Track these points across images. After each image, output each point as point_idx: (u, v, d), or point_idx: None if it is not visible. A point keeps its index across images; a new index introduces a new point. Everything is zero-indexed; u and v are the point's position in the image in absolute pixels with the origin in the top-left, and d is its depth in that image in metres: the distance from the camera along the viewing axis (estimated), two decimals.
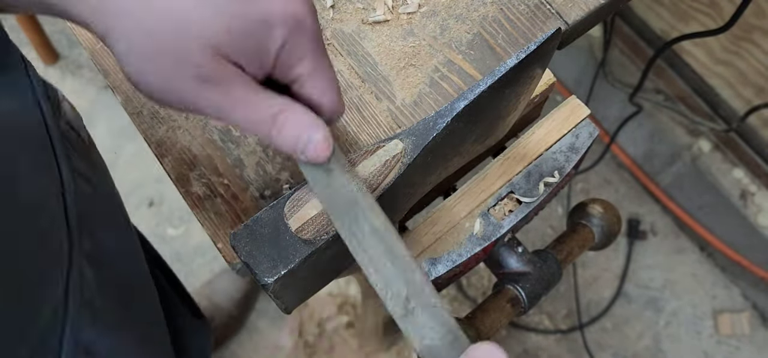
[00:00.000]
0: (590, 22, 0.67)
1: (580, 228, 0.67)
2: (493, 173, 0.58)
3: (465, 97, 0.45)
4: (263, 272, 0.42)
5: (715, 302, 1.64)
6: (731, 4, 1.25)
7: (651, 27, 1.51)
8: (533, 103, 0.61)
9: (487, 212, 0.57)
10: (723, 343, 1.61)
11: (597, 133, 0.59)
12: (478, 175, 0.58)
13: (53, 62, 1.85)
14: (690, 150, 1.60)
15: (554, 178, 0.57)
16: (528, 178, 0.57)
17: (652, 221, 1.71)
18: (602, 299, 1.65)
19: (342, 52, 0.63)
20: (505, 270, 0.61)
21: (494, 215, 0.57)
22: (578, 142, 0.59)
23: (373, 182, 0.45)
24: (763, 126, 1.43)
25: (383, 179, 0.45)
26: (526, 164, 0.58)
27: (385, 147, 0.46)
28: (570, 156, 0.58)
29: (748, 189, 1.54)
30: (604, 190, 1.74)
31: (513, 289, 0.61)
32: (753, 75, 1.35)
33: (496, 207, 0.57)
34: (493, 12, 0.65)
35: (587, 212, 0.68)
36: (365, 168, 0.46)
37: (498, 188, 0.57)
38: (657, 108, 1.61)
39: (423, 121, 0.46)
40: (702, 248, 1.68)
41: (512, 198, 0.57)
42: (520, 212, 0.56)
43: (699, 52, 1.44)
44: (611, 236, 0.68)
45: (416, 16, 0.65)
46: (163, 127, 0.60)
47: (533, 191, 0.57)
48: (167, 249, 1.68)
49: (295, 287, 0.47)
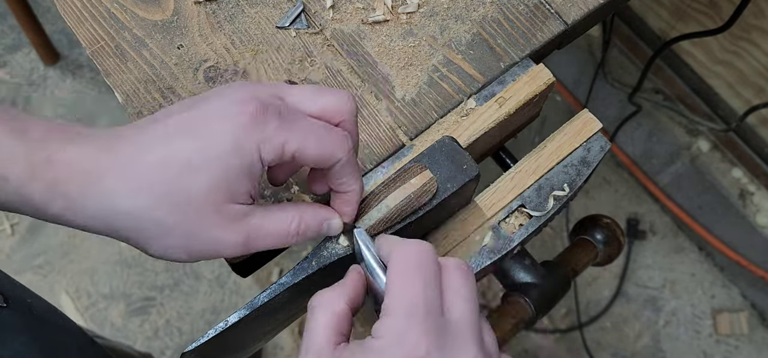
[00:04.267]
0: (590, 21, 0.67)
1: (585, 243, 0.67)
2: (505, 186, 0.58)
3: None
4: None
5: (714, 301, 1.65)
6: (730, 4, 1.25)
7: (650, 27, 1.51)
8: (533, 102, 0.62)
9: (498, 225, 0.57)
10: (722, 342, 1.61)
11: (609, 147, 0.59)
12: (490, 188, 0.58)
13: (53, 62, 1.85)
14: (689, 150, 1.60)
15: (564, 191, 0.57)
16: (539, 191, 0.57)
17: (651, 220, 1.71)
18: (601, 299, 1.65)
19: (342, 52, 0.63)
20: (514, 281, 0.61)
21: (505, 228, 0.57)
22: (590, 156, 0.59)
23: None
24: (762, 126, 1.43)
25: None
26: (538, 178, 0.58)
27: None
28: (581, 170, 0.58)
29: (747, 189, 1.54)
30: (604, 189, 1.74)
31: (522, 300, 0.61)
32: (752, 75, 1.35)
33: (507, 220, 0.57)
34: (493, 12, 0.65)
35: (592, 228, 0.68)
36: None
37: (509, 201, 0.57)
38: (656, 108, 1.61)
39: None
40: (701, 248, 1.69)
41: (523, 211, 0.57)
42: (530, 226, 0.56)
43: (698, 52, 1.45)
44: (613, 256, 0.69)
45: (416, 16, 0.65)
46: None
47: (544, 204, 0.57)
48: None
49: None
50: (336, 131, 0.44)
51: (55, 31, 1.86)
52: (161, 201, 0.40)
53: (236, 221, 0.42)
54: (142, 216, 0.40)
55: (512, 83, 0.61)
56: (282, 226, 0.44)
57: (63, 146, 0.40)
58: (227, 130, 0.40)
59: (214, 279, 1.66)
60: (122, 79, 0.62)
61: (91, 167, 0.40)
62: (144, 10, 0.65)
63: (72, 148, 0.40)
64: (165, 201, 0.40)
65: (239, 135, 0.40)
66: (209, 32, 0.64)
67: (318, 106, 0.44)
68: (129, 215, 0.40)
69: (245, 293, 1.64)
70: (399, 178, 0.52)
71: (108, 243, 1.68)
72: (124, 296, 1.64)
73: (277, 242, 0.44)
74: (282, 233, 0.44)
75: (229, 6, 0.65)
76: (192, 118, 0.41)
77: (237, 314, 0.46)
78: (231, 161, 0.40)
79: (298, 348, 1.59)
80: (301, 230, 0.44)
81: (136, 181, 0.40)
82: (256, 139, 0.40)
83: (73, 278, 1.66)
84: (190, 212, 0.40)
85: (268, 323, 0.53)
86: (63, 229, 1.69)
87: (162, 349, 1.60)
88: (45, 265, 1.67)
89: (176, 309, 1.63)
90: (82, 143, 0.41)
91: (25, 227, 1.70)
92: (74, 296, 1.64)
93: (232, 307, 1.62)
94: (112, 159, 0.40)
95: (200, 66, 0.62)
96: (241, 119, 0.40)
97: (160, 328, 1.62)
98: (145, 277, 1.66)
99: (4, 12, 1.84)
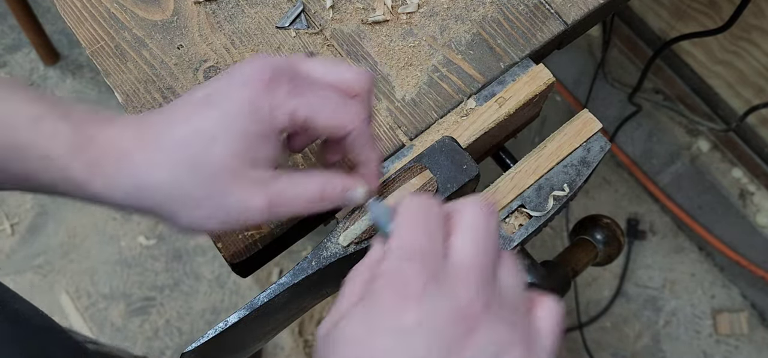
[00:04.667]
0: (590, 21, 0.67)
1: (585, 243, 0.67)
2: (505, 187, 0.58)
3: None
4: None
5: (714, 301, 1.65)
6: (730, 4, 1.25)
7: (650, 27, 1.51)
8: (533, 103, 0.62)
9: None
10: (722, 342, 1.61)
11: (609, 147, 0.59)
12: (490, 188, 0.58)
13: (53, 62, 1.85)
14: (689, 150, 1.60)
15: (564, 191, 0.57)
16: (539, 191, 0.57)
17: (651, 220, 1.71)
18: (601, 299, 1.65)
19: (342, 52, 0.63)
20: None
21: (505, 228, 0.57)
22: (590, 156, 0.59)
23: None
24: (762, 126, 1.43)
25: None
26: (538, 178, 0.58)
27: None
28: (581, 170, 0.58)
29: (747, 189, 1.54)
30: (604, 189, 1.74)
31: None
32: (752, 75, 1.35)
33: (507, 220, 0.57)
34: (493, 12, 0.65)
35: (592, 228, 0.68)
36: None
37: (509, 201, 0.57)
38: (656, 108, 1.61)
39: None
40: (701, 248, 1.69)
41: (522, 212, 0.57)
42: (530, 226, 0.56)
43: (698, 52, 1.45)
44: (613, 256, 0.69)
45: (416, 16, 0.65)
46: None
47: (543, 204, 0.57)
48: (167, 248, 1.68)
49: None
50: (350, 102, 0.45)
51: (55, 31, 1.86)
52: (187, 174, 0.42)
53: (260, 185, 0.43)
54: (169, 190, 0.42)
55: (512, 83, 0.61)
56: (306, 191, 0.45)
57: (102, 127, 0.43)
58: (244, 98, 0.42)
59: (214, 279, 1.66)
60: (122, 79, 0.62)
61: (125, 146, 0.42)
62: (144, 10, 0.65)
63: (109, 129, 0.43)
64: (191, 173, 0.42)
65: (254, 101, 0.42)
66: (209, 32, 0.64)
67: (334, 78, 0.46)
68: (157, 189, 0.42)
69: (245, 293, 1.64)
70: (399, 178, 0.52)
71: (108, 243, 1.68)
72: (124, 296, 1.64)
73: (300, 208, 0.45)
74: (306, 199, 0.45)
75: (229, 6, 0.65)
76: (214, 91, 0.43)
77: (237, 314, 0.46)
78: (249, 127, 0.42)
79: (298, 348, 1.59)
80: (325, 195, 0.45)
81: (163, 156, 0.42)
82: (269, 105, 0.42)
83: (73, 278, 1.66)
84: (214, 181, 0.42)
85: (268, 324, 0.53)
86: (63, 229, 1.69)
87: (162, 349, 1.60)
88: (45, 265, 1.67)
89: (176, 309, 1.63)
90: (117, 125, 0.43)
91: (25, 226, 1.70)
92: (74, 296, 1.64)
93: (232, 307, 1.62)
94: (141, 138, 0.43)
95: (200, 66, 0.62)
96: (257, 86, 0.42)
97: (160, 328, 1.62)
98: (145, 277, 1.66)
99: (4, 12, 1.84)
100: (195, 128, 0.42)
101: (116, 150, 0.42)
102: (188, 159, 0.42)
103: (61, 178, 0.42)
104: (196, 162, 0.42)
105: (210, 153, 0.42)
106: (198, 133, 0.42)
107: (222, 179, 0.42)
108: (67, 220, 1.71)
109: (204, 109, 0.43)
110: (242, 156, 0.42)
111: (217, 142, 0.42)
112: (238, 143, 0.42)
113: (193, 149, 0.42)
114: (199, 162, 0.42)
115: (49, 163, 0.41)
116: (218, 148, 0.42)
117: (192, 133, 0.42)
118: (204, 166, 0.42)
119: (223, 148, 0.42)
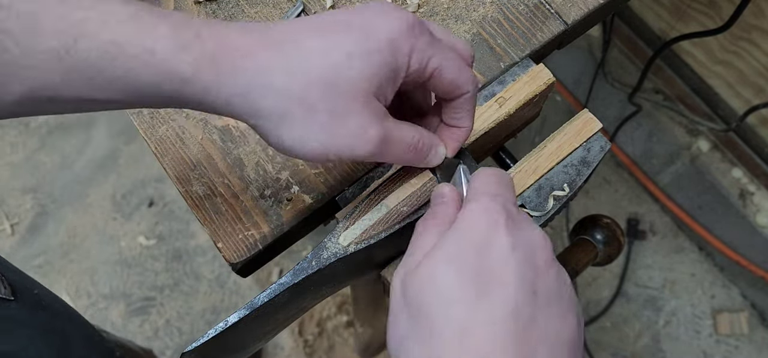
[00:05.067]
0: (590, 21, 0.67)
1: (585, 243, 0.67)
2: None
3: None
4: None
5: (714, 301, 1.65)
6: (730, 4, 1.25)
7: (650, 27, 1.51)
8: (533, 102, 0.62)
9: None
10: (722, 342, 1.61)
11: (609, 147, 0.59)
12: None
13: None
14: (689, 150, 1.60)
15: (564, 191, 0.57)
16: (539, 191, 0.57)
17: (651, 220, 1.72)
18: (601, 299, 1.65)
19: None
20: None
21: None
22: (590, 156, 0.59)
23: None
24: (762, 126, 1.44)
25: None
26: (538, 178, 0.58)
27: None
28: (581, 170, 0.58)
29: (747, 189, 1.54)
30: (604, 189, 1.74)
31: None
32: (752, 75, 1.35)
33: None
34: (493, 12, 0.65)
35: (592, 228, 0.68)
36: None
37: None
38: (656, 108, 1.61)
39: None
40: (701, 248, 1.69)
41: (522, 211, 0.57)
42: None
43: (698, 52, 1.45)
44: (613, 256, 0.69)
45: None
46: (164, 126, 0.60)
47: (543, 204, 0.57)
48: (167, 248, 1.68)
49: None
50: (468, 67, 0.47)
51: None
52: (316, 84, 0.41)
53: (379, 117, 0.43)
54: (292, 96, 0.41)
55: (512, 83, 0.61)
56: (408, 136, 0.46)
57: (207, 26, 0.41)
58: (388, 29, 0.42)
59: (214, 279, 1.66)
60: None
61: (242, 45, 0.41)
62: None
63: (218, 27, 0.42)
64: (319, 84, 0.41)
65: (396, 36, 0.43)
66: None
67: (453, 43, 0.47)
68: (279, 92, 0.41)
69: (245, 293, 1.64)
70: (399, 178, 0.52)
71: (108, 243, 1.68)
72: (124, 296, 1.64)
73: (402, 151, 0.46)
74: (407, 144, 0.46)
75: (229, 6, 0.65)
76: (350, 17, 0.43)
77: (237, 314, 0.46)
78: (386, 57, 0.42)
79: (298, 348, 1.59)
80: (420, 146, 0.47)
81: (295, 61, 0.41)
82: (410, 46, 0.43)
83: (73, 278, 1.66)
84: (342, 97, 0.42)
85: (268, 323, 0.53)
86: (63, 229, 1.69)
87: (162, 349, 1.60)
88: (45, 265, 1.67)
89: (176, 309, 1.63)
90: (233, 27, 0.42)
91: (25, 226, 1.70)
92: (74, 296, 1.64)
93: (232, 307, 1.62)
94: (266, 41, 0.42)
95: None
96: (401, 24, 0.43)
97: (160, 328, 1.62)
98: (145, 277, 1.66)
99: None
100: (334, 42, 0.42)
101: (230, 47, 0.41)
102: (320, 69, 0.41)
103: (165, 72, 0.40)
104: (328, 76, 0.41)
105: (344, 71, 0.41)
106: (337, 48, 0.42)
107: (349, 97, 0.42)
108: (67, 220, 1.71)
109: (341, 31, 0.42)
110: (374, 83, 0.42)
111: (354, 59, 0.41)
112: (374, 69, 0.42)
113: (328, 62, 0.41)
114: (330, 76, 0.41)
115: (151, 58, 0.40)
116: (356, 66, 0.41)
117: (330, 45, 0.42)
118: (336, 79, 0.41)
119: (359, 68, 0.41)
